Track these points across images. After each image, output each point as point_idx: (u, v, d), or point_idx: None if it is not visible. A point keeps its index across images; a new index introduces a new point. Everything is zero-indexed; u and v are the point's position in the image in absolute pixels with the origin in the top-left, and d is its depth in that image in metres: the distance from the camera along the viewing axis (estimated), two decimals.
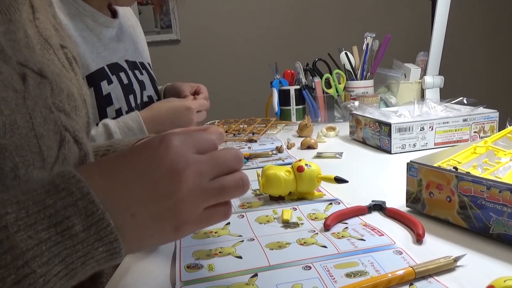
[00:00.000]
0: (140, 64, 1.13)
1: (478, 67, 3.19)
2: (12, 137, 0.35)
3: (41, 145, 0.38)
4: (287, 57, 2.08)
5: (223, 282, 0.44)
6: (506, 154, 0.62)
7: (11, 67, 0.38)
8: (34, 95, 0.39)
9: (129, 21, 1.17)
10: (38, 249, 0.30)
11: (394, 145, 0.91)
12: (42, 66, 0.42)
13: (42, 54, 0.46)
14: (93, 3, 0.99)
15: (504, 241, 0.48)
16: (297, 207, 0.63)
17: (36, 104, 0.38)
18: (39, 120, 0.38)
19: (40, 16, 0.48)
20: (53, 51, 0.48)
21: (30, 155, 0.37)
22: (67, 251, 0.31)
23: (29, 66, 0.40)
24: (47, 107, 0.40)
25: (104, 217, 0.32)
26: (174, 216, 0.35)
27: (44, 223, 0.31)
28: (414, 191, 0.58)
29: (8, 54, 0.38)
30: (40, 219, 0.31)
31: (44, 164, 0.39)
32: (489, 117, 0.95)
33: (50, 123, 0.40)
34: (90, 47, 0.97)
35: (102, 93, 0.96)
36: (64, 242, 0.31)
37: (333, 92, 1.32)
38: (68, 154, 0.42)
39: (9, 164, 0.35)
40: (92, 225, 0.32)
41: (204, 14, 2.84)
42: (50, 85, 0.42)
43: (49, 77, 0.42)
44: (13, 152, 0.35)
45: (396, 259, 0.46)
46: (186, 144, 0.36)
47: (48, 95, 0.41)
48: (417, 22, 2.86)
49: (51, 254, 0.30)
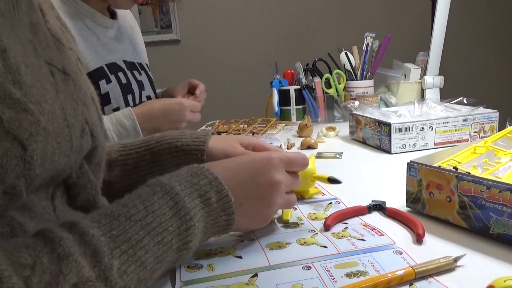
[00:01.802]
0: (139, 65, 1.14)
1: (478, 67, 3.19)
2: (53, 125, 0.38)
3: (71, 134, 0.41)
4: (287, 57, 2.08)
5: (223, 282, 0.44)
6: (506, 154, 0.62)
7: (44, 65, 0.40)
8: (63, 89, 0.42)
9: (127, 22, 1.17)
10: (195, 210, 0.43)
11: (394, 145, 0.91)
12: (64, 64, 0.45)
13: (59, 53, 0.48)
14: (93, 4, 1.00)
15: (504, 241, 0.48)
16: (297, 207, 0.63)
17: (66, 97, 0.42)
18: (70, 111, 0.41)
19: (49, 19, 0.50)
20: (67, 51, 0.50)
21: (63, 143, 0.40)
22: (206, 214, 0.45)
23: (54, 64, 0.42)
24: (74, 100, 0.43)
25: (229, 194, 0.46)
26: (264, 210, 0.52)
27: (194, 194, 0.44)
28: (414, 191, 0.58)
29: (39, 52, 0.40)
30: (193, 191, 0.44)
31: (70, 152, 0.41)
32: (489, 117, 0.95)
33: (78, 114, 0.43)
34: (89, 46, 0.98)
35: (100, 92, 0.96)
36: (205, 208, 0.45)
37: (333, 92, 1.32)
38: (84, 145, 0.45)
39: (50, 148, 0.38)
40: (221, 199, 0.46)
41: (204, 14, 2.84)
42: (73, 82, 0.45)
43: (71, 74, 0.45)
44: (53, 139, 0.38)
45: (396, 259, 0.46)
46: (284, 163, 0.52)
47: (73, 90, 0.44)
48: (417, 22, 2.86)
49: (199, 215, 0.44)
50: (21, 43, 0.38)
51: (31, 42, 0.40)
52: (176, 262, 0.43)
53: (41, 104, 0.37)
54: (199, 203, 0.44)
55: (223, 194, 0.46)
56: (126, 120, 0.92)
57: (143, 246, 0.38)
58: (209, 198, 0.45)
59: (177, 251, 0.42)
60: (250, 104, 2.17)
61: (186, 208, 0.42)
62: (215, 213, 0.45)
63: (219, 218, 0.46)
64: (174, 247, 0.41)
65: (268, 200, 0.51)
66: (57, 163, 0.40)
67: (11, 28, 0.37)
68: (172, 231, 0.41)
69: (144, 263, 0.38)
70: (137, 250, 0.38)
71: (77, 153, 0.44)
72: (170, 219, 0.41)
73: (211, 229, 0.46)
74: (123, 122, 0.92)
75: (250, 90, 2.64)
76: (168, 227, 0.41)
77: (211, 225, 0.46)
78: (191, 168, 0.47)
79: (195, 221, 0.43)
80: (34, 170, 0.36)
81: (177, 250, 0.42)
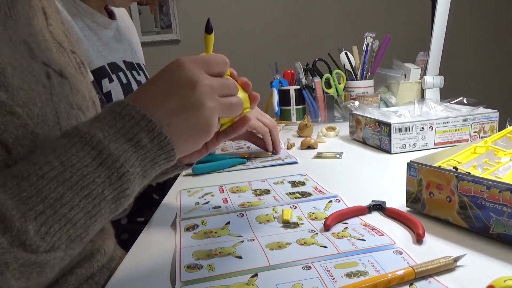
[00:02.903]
0: (137, 65, 1.14)
1: (478, 67, 3.18)
2: (42, 128, 0.37)
3: None
4: (287, 57, 2.08)
5: (223, 282, 0.44)
6: (506, 154, 0.62)
7: (38, 66, 0.40)
8: (58, 92, 0.41)
9: (124, 22, 1.17)
10: (126, 155, 0.39)
11: (394, 145, 0.91)
12: (61, 67, 0.44)
13: (58, 56, 0.48)
14: (91, 4, 1.00)
15: (504, 241, 0.48)
16: (297, 205, 0.63)
17: (60, 101, 0.41)
18: (63, 115, 0.41)
19: (52, 22, 0.51)
20: (67, 54, 0.51)
21: None
22: (141, 157, 0.40)
23: (51, 66, 0.42)
24: (69, 104, 0.43)
25: (162, 131, 0.41)
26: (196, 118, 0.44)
27: (122, 139, 0.39)
28: (414, 191, 0.58)
29: (35, 53, 0.40)
30: (119, 137, 0.39)
31: None
32: (489, 117, 0.95)
33: (72, 118, 0.42)
34: (92, 45, 0.98)
35: (102, 91, 0.96)
36: (138, 151, 0.40)
37: (333, 92, 1.32)
38: None
39: None
40: (154, 138, 0.41)
41: (204, 14, 2.83)
42: (70, 85, 0.44)
43: (68, 77, 0.45)
44: (42, 142, 0.38)
45: (396, 259, 0.46)
46: (198, 63, 0.46)
47: (68, 93, 0.44)
48: (417, 22, 2.86)
49: (133, 159, 0.40)
50: (13, 44, 0.38)
51: (27, 43, 0.39)
52: (116, 211, 0.40)
53: (30, 107, 0.36)
54: (129, 147, 0.40)
55: (156, 133, 0.41)
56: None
57: (65, 203, 0.35)
58: (139, 140, 0.40)
59: (114, 201, 0.39)
60: None
61: (113, 155, 0.38)
62: (151, 153, 0.41)
63: (158, 158, 0.42)
64: (108, 197, 0.38)
65: (194, 104, 0.43)
66: None
67: (3, 28, 0.37)
68: (101, 182, 0.37)
69: (71, 220, 0.35)
70: (57, 209, 0.34)
71: None
72: (95, 170, 0.37)
73: (150, 170, 0.42)
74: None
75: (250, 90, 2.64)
76: (95, 178, 0.37)
77: (150, 167, 0.42)
78: (114, 108, 0.41)
79: (127, 167, 0.39)
80: None
81: (113, 200, 0.39)
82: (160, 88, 0.44)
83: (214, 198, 0.70)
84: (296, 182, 0.75)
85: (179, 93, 0.43)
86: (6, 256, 0.31)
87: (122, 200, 0.39)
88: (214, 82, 0.46)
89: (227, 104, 0.47)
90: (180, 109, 0.43)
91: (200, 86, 0.44)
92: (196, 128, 0.44)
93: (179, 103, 0.43)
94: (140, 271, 0.49)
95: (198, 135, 0.45)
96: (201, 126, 0.44)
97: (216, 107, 0.45)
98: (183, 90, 0.43)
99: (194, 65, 0.45)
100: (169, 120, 0.43)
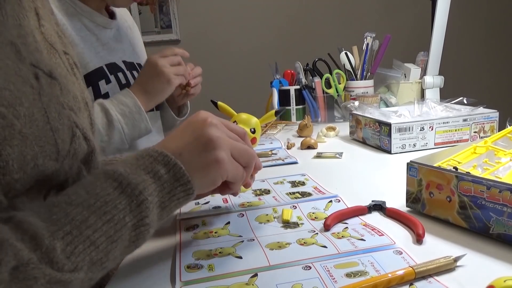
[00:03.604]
0: (138, 65, 1.13)
1: (478, 67, 3.19)
2: (31, 128, 0.37)
3: (56, 138, 0.40)
4: (287, 57, 2.08)
5: (223, 282, 0.44)
6: (506, 154, 0.62)
7: (26, 67, 0.40)
8: (47, 93, 0.41)
9: (126, 22, 1.17)
10: (144, 184, 0.42)
11: (394, 145, 0.91)
12: (51, 68, 0.44)
13: (49, 58, 0.48)
14: (90, 4, 0.99)
15: (504, 241, 0.48)
16: (297, 205, 0.63)
17: (50, 101, 0.41)
18: (54, 114, 0.41)
19: (45, 23, 0.50)
20: (59, 56, 0.51)
21: (47, 147, 0.39)
22: (159, 188, 0.43)
23: (40, 67, 0.42)
24: (59, 104, 0.43)
25: (177, 163, 0.45)
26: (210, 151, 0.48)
27: (141, 172, 0.43)
28: (414, 191, 0.58)
29: (23, 55, 0.40)
30: (138, 170, 0.43)
31: (58, 157, 0.41)
32: (489, 117, 0.95)
33: (64, 118, 0.42)
34: (89, 46, 0.97)
35: (100, 92, 0.96)
36: (156, 182, 0.43)
37: (333, 92, 1.32)
38: (78, 149, 0.45)
39: (30, 152, 0.37)
40: (170, 169, 0.44)
41: (204, 14, 2.84)
42: (59, 86, 0.44)
43: (58, 78, 0.44)
44: (33, 142, 0.38)
45: (396, 259, 0.46)
46: (221, 126, 0.50)
47: (58, 94, 0.43)
48: (417, 22, 2.86)
49: (151, 188, 0.42)
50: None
51: (14, 44, 0.39)
52: (136, 241, 0.42)
53: (15, 107, 0.36)
54: (148, 178, 0.43)
55: (171, 164, 0.44)
56: (125, 98, 0.94)
57: (89, 225, 0.37)
58: (157, 171, 0.44)
59: (134, 229, 0.40)
60: (250, 104, 2.16)
61: (132, 184, 0.41)
62: (169, 184, 0.44)
63: (175, 190, 0.45)
64: (129, 224, 0.40)
65: (205, 137, 0.48)
66: (42, 167, 0.39)
67: None
68: (122, 208, 0.39)
69: (95, 243, 0.37)
70: (83, 230, 0.36)
71: (71, 158, 0.43)
72: (117, 197, 0.40)
73: (169, 203, 0.45)
74: (123, 100, 0.94)
75: (250, 90, 2.64)
76: (116, 204, 0.39)
77: (169, 199, 0.44)
78: (137, 152, 0.46)
79: (146, 195, 0.41)
80: (11, 175, 0.36)
81: (133, 228, 0.40)
82: (181, 133, 0.49)
83: (214, 198, 0.70)
84: (296, 182, 0.75)
85: (196, 136, 0.48)
86: (36, 271, 0.32)
87: (142, 229, 0.41)
88: (232, 137, 0.51)
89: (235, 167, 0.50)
90: (195, 145, 0.48)
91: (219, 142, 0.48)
92: (207, 167, 0.48)
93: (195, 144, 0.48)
94: (140, 271, 0.49)
95: (210, 176, 0.48)
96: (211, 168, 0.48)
97: (228, 163, 0.49)
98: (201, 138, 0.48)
99: (219, 126, 0.50)
100: (181, 151, 0.47)
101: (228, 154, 0.49)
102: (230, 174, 0.49)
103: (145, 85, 0.97)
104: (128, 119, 0.92)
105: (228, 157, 0.49)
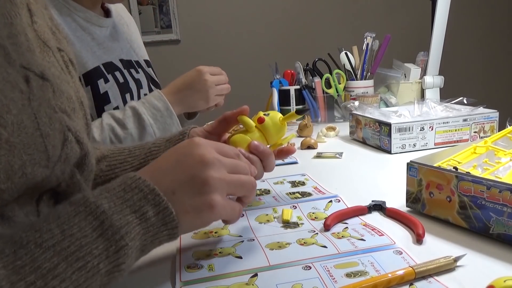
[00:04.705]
0: (136, 63, 1.13)
1: (478, 67, 3.19)
2: (19, 136, 0.36)
3: (46, 144, 0.39)
4: (287, 57, 2.08)
5: (223, 282, 0.44)
6: (506, 154, 0.62)
7: (15, 70, 0.39)
8: (38, 97, 0.40)
9: (122, 19, 1.16)
10: (127, 228, 0.39)
11: (394, 145, 0.91)
12: (44, 69, 0.43)
13: (42, 57, 0.46)
14: (84, 2, 0.98)
15: (504, 241, 0.48)
16: (297, 205, 0.63)
17: (41, 105, 0.40)
18: (44, 120, 0.39)
19: (37, 19, 0.49)
20: (52, 54, 0.49)
21: (36, 154, 0.38)
22: (144, 230, 0.40)
23: (32, 69, 0.41)
24: (51, 108, 0.41)
25: (168, 206, 0.42)
26: (205, 194, 0.44)
27: (127, 210, 0.39)
28: (414, 191, 0.58)
29: (12, 57, 0.39)
30: (124, 208, 0.39)
31: (48, 163, 0.40)
32: (489, 117, 0.95)
33: (55, 122, 0.41)
34: (85, 46, 0.97)
35: (99, 92, 0.96)
36: (142, 224, 0.40)
37: (333, 92, 1.32)
38: (70, 153, 0.43)
39: (18, 161, 0.36)
40: (159, 212, 0.41)
41: (204, 14, 2.84)
42: (52, 87, 0.43)
43: (51, 79, 0.43)
44: (21, 150, 0.36)
45: (396, 259, 0.46)
46: (210, 145, 0.48)
47: (50, 96, 0.42)
48: (417, 22, 2.86)
49: (135, 232, 0.39)
50: None
51: (3, 47, 0.38)
52: (107, 284, 0.38)
53: (2, 115, 0.35)
54: (133, 219, 0.39)
55: (162, 207, 0.41)
56: (158, 101, 0.95)
57: (57, 274, 0.34)
58: (145, 212, 0.40)
59: (107, 275, 0.37)
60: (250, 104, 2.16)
61: (114, 226, 0.38)
62: (155, 228, 0.41)
63: (160, 234, 0.42)
64: (102, 271, 0.37)
65: (201, 179, 0.44)
66: (31, 175, 0.38)
67: None
68: (98, 254, 0.36)
69: None
70: (49, 280, 0.33)
71: (62, 163, 0.42)
72: (94, 240, 0.36)
73: (150, 246, 0.42)
74: (155, 104, 0.95)
75: (250, 90, 2.64)
76: (92, 250, 0.36)
77: (151, 242, 0.41)
78: (125, 180, 0.42)
79: (127, 240, 0.38)
80: None
81: (106, 274, 0.37)
82: (171, 159, 0.46)
83: None
84: (296, 182, 0.75)
85: (188, 166, 0.45)
86: None
87: (116, 274, 0.38)
88: (226, 161, 0.47)
89: (228, 203, 0.46)
90: (185, 178, 0.44)
91: (208, 162, 0.45)
92: (200, 201, 0.44)
93: (186, 174, 0.44)
94: (140, 271, 0.49)
95: (203, 210, 0.44)
96: (205, 201, 0.44)
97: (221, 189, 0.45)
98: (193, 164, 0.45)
99: (208, 145, 0.48)
100: (174, 188, 0.43)
101: (223, 196, 0.45)
102: (224, 216, 0.47)
103: (182, 95, 0.98)
104: (160, 123, 0.94)
105: (223, 200, 0.45)
